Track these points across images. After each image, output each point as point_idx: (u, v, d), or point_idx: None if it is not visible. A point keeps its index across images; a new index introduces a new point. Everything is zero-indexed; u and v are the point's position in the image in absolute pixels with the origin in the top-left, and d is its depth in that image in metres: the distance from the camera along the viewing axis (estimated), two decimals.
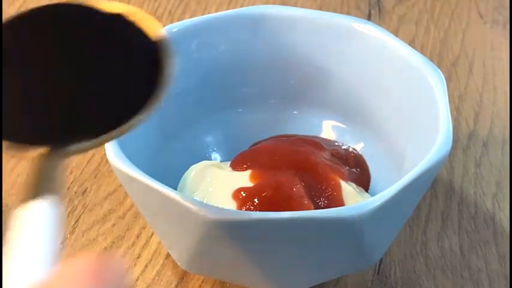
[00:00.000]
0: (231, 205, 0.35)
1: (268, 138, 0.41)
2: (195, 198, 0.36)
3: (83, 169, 0.45)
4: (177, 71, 0.40)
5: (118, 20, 0.28)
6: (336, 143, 0.41)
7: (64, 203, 0.43)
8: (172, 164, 0.40)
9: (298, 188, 0.36)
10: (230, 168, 0.38)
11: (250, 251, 0.32)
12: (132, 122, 0.26)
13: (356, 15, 0.57)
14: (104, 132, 0.25)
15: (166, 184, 0.32)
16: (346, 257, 0.35)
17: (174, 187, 0.37)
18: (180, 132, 0.42)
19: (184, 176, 0.38)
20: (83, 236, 0.41)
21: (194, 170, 0.38)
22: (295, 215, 0.30)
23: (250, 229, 0.31)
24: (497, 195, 0.44)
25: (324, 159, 0.38)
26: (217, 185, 0.37)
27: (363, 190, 0.39)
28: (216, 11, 0.59)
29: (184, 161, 0.40)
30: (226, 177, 0.37)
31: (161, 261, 0.40)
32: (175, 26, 0.40)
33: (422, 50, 0.55)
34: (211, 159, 0.41)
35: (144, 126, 0.38)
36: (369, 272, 0.40)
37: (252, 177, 0.37)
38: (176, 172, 0.39)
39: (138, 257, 0.40)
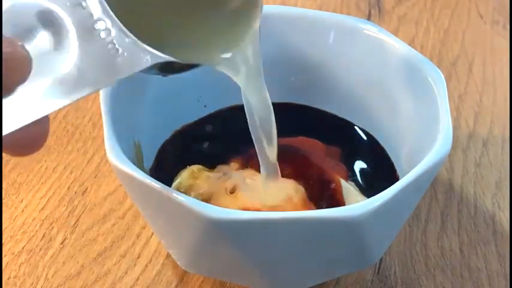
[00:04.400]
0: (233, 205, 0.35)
1: None
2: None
3: (83, 169, 0.45)
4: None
5: None
6: (336, 143, 0.41)
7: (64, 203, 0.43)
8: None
9: (298, 188, 0.36)
10: (222, 174, 0.38)
11: (250, 251, 0.32)
12: None
13: (356, 15, 0.57)
14: None
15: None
16: (346, 256, 0.35)
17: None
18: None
19: (178, 175, 0.39)
20: (83, 236, 0.41)
21: (189, 170, 0.38)
22: (295, 215, 0.30)
23: (250, 229, 0.31)
24: (497, 195, 0.45)
25: (324, 159, 0.38)
26: (214, 186, 0.37)
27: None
28: None
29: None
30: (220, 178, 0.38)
31: (161, 261, 0.40)
32: None
33: (422, 50, 0.55)
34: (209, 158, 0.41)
35: (145, 124, 0.39)
36: (369, 272, 0.40)
37: (251, 177, 0.37)
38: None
39: (138, 257, 0.40)
